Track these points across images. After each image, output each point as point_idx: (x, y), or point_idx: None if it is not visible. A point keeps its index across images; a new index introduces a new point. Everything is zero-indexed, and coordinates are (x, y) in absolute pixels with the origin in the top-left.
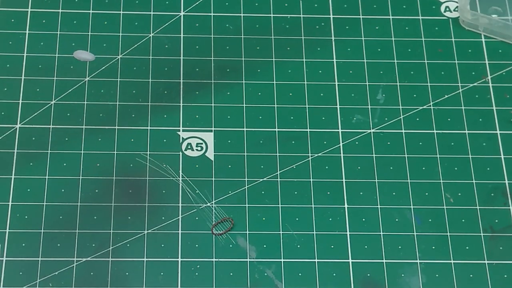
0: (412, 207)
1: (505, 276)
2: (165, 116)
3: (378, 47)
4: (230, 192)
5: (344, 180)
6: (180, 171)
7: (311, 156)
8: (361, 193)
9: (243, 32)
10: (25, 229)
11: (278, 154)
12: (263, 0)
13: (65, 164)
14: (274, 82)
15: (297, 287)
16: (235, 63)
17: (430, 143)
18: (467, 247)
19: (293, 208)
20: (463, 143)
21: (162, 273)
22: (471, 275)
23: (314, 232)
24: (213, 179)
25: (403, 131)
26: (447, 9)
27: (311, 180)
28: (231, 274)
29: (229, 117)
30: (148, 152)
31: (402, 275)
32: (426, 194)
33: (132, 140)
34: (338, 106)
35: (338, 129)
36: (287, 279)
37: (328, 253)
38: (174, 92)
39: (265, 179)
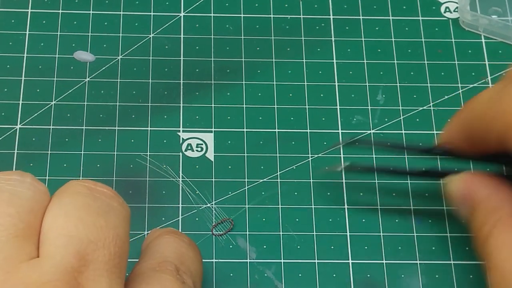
0: (412, 207)
1: None
2: (165, 116)
3: (378, 48)
4: (230, 192)
5: (344, 180)
6: (180, 172)
7: (311, 156)
8: (361, 193)
9: (243, 32)
10: None
11: (278, 154)
12: (263, 1)
13: (65, 165)
14: (274, 82)
15: (297, 287)
16: (235, 63)
17: (430, 143)
18: (467, 248)
19: (293, 208)
20: None
21: None
22: (471, 276)
23: (314, 233)
24: (213, 179)
25: (403, 131)
26: (447, 9)
27: (311, 180)
28: (231, 274)
29: (229, 117)
30: (148, 153)
31: (402, 275)
32: (426, 195)
33: (132, 140)
34: (338, 107)
35: (338, 129)
36: (287, 280)
37: (328, 254)
38: (174, 93)
39: (265, 179)
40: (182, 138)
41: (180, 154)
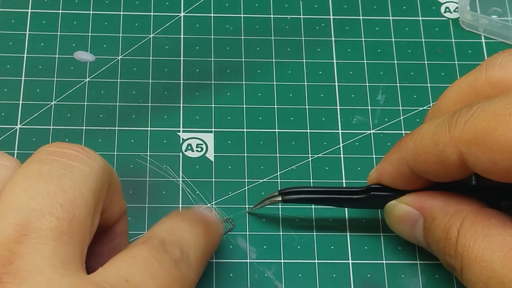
0: None
1: None
2: (165, 117)
3: (378, 48)
4: (230, 193)
5: (344, 180)
6: (180, 172)
7: (311, 157)
8: None
9: (243, 32)
10: None
11: (278, 155)
12: (263, 1)
13: None
14: (274, 82)
15: (297, 287)
16: (235, 63)
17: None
18: None
19: (293, 208)
20: None
21: None
22: None
23: (314, 233)
24: (213, 180)
25: (403, 132)
26: (447, 9)
27: (311, 180)
28: (231, 275)
29: (229, 118)
30: (148, 153)
31: (402, 276)
32: None
33: (132, 141)
34: (338, 107)
35: (338, 130)
36: (287, 280)
37: (328, 254)
38: (174, 93)
39: (265, 180)
40: (182, 138)
41: (180, 154)
